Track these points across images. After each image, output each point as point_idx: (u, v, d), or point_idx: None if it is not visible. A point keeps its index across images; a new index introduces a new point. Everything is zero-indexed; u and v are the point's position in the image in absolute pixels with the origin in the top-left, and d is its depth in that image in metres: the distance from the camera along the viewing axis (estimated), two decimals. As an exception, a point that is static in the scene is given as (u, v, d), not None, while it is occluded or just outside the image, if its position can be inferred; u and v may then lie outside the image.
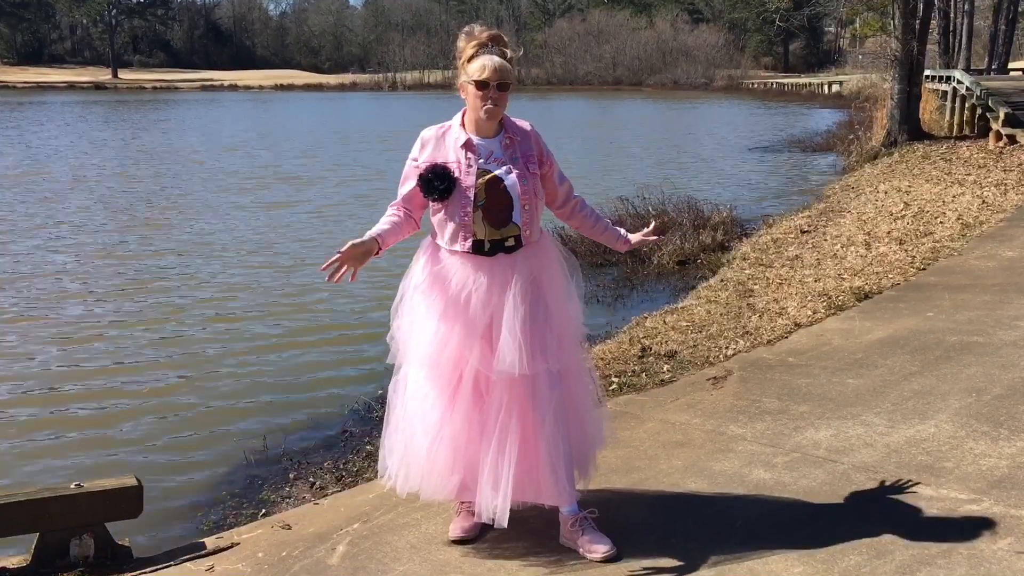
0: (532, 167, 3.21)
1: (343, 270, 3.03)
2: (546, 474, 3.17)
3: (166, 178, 19.24)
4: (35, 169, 20.58)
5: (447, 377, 3.20)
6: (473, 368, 3.16)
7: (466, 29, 3.20)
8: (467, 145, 3.16)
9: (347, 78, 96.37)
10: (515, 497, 3.21)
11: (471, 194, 3.11)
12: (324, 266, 3.03)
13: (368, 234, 3.14)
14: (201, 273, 10.35)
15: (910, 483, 3.65)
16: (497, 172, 3.14)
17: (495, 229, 3.13)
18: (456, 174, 3.13)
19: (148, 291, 9.52)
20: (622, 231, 3.54)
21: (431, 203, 3.18)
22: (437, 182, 3.12)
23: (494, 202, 3.12)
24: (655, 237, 3.58)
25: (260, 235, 12.67)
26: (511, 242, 3.16)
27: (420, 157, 3.20)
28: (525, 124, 3.28)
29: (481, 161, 3.15)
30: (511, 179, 3.13)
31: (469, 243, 3.13)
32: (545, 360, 3.14)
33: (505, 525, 3.16)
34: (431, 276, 3.21)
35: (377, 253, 3.13)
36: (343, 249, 3.02)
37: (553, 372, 3.16)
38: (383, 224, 3.19)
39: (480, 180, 3.12)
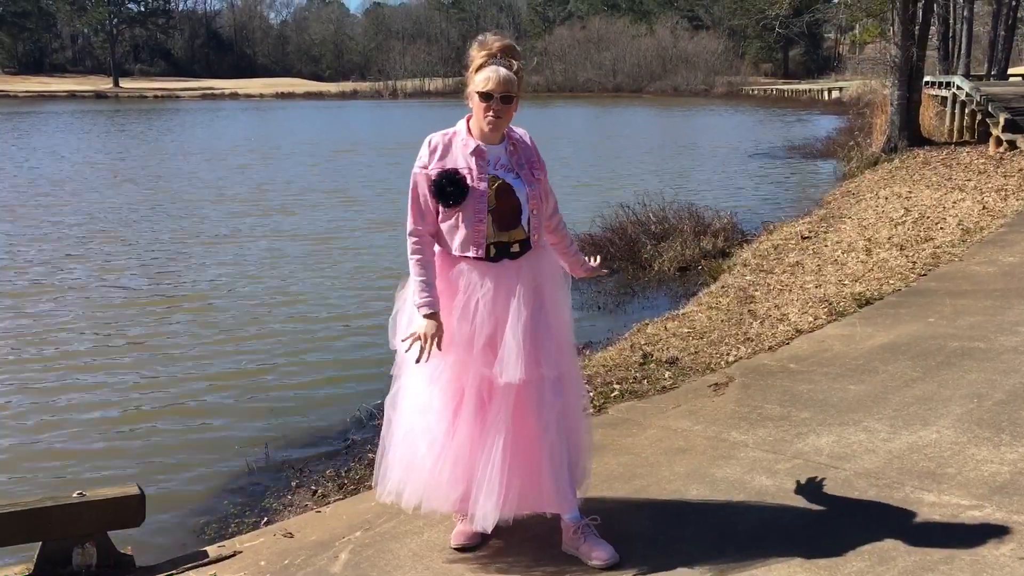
0: (537, 173, 3.25)
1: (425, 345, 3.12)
2: (548, 482, 3.18)
3: (167, 192, 19.28)
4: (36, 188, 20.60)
5: (451, 390, 3.19)
6: (476, 378, 3.15)
7: (480, 38, 3.20)
8: (477, 152, 3.16)
9: (347, 86, 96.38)
10: (518, 507, 3.22)
11: (485, 200, 3.12)
12: (408, 347, 3.14)
13: (424, 310, 3.12)
14: (202, 284, 10.36)
15: (912, 489, 3.65)
16: (507, 178, 3.17)
17: (504, 234, 3.15)
18: (468, 180, 3.13)
19: (149, 302, 9.53)
20: (584, 259, 3.56)
21: (442, 210, 3.16)
22: (450, 188, 3.11)
23: (504, 207, 3.14)
24: (602, 270, 3.63)
25: (260, 243, 12.69)
26: (516, 247, 3.18)
27: (430, 163, 3.17)
28: (522, 133, 3.30)
29: (490, 167, 3.17)
30: (519, 185, 3.17)
31: (482, 249, 3.14)
32: (546, 367, 3.14)
33: (489, 530, 3.19)
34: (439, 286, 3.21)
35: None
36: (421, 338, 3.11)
37: (556, 380, 3.18)
38: (422, 284, 3.15)
39: (492, 186, 3.14)
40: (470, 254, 3.15)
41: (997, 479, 3.70)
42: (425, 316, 3.12)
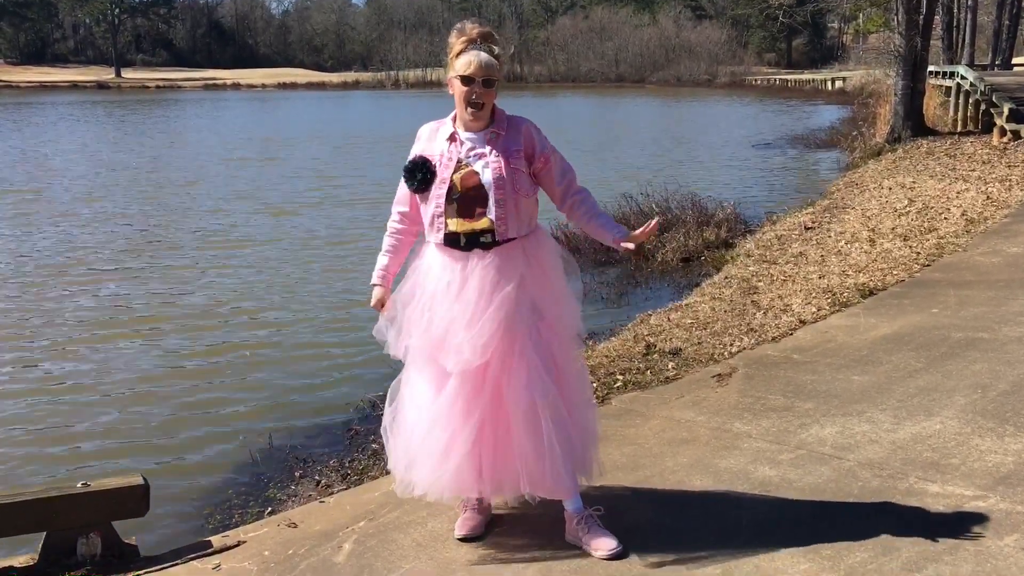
0: (515, 162, 3.16)
1: None
2: (541, 466, 3.11)
3: (169, 187, 19.28)
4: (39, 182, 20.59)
5: (428, 373, 3.22)
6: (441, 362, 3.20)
7: (458, 25, 3.22)
8: (452, 138, 3.20)
9: (349, 76, 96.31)
10: (499, 491, 3.24)
11: (445, 187, 3.14)
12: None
13: (373, 279, 3.43)
14: (205, 275, 10.37)
15: (916, 480, 3.65)
16: (474, 166, 3.15)
17: (467, 222, 3.14)
18: (436, 167, 3.17)
19: (154, 293, 9.53)
20: (617, 229, 3.23)
21: (418, 196, 3.23)
22: (418, 173, 3.18)
23: (468, 196, 3.13)
24: (650, 233, 3.20)
25: (265, 237, 12.69)
26: (486, 238, 3.14)
27: (414, 152, 3.26)
28: (522, 121, 3.26)
29: (462, 154, 3.16)
30: (487, 173, 3.13)
31: (442, 235, 3.17)
32: (519, 358, 3.10)
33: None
34: (416, 269, 3.28)
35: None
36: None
37: (534, 369, 3.11)
38: (382, 256, 3.42)
39: (456, 173, 3.14)
40: (433, 240, 3.20)
41: (1001, 469, 3.70)
42: (372, 284, 3.43)
